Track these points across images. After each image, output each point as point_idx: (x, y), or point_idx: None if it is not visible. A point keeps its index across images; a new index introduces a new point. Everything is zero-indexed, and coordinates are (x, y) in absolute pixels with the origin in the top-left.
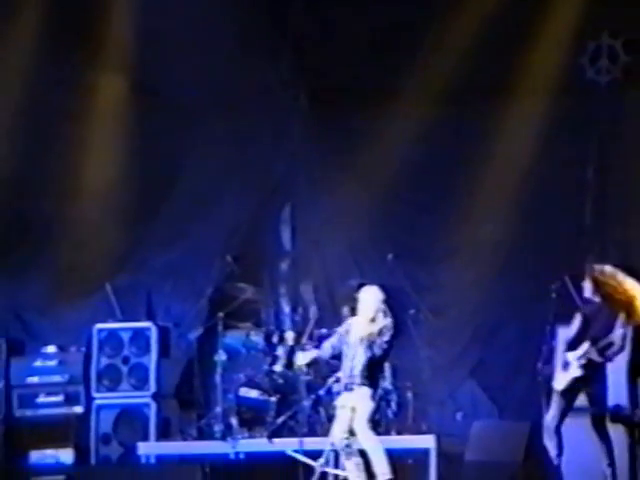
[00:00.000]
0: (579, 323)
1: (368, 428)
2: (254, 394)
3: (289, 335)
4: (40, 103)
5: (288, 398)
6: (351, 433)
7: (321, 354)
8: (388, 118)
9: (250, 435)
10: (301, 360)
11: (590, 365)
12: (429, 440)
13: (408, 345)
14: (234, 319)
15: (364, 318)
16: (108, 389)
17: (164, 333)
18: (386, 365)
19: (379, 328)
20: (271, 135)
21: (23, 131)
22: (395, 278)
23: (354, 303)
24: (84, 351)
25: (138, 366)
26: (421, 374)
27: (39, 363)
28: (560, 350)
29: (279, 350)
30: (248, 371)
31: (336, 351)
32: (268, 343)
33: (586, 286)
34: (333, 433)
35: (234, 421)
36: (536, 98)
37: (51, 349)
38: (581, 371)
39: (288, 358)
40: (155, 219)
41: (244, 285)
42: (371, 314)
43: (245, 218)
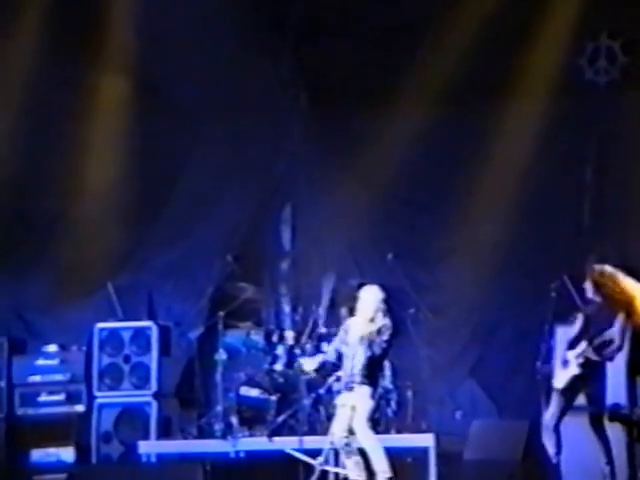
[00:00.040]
0: (581, 323)
1: (367, 427)
2: (254, 393)
3: (289, 334)
4: (42, 103)
5: (288, 397)
6: (351, 432)
7: (327, 358)
8: (388, 118)
9: (250, 434)
10: (308, 366)
11: (588, 364)
12: (428, 439)
13: (408, 344)
14: (234, 318)
15: (364, 317)
16: (109, 388)
17: (165, 332)
18: (386, 364)
19: (378, 327)
20: (271, 135)
21: (25, 131)
22: (395, 278)
23: (353, 303)
24: (85, 350)
25: (139, 365)
26: (421, 373)
27: (41, 362)
28: (561, 349)
29: (279, 349)
30: (248, 370)
31: (340, 353)
32: (268, 342)
33: (588, 287)
34: (333, 431)
35: (234, 420)
36: (535, 98)
37: (53, 348)
38: (579, 369)
39: (288, 358)
40: (156, 219)
41: (244, 285)
42: (371, 313)
43: (245, 218)
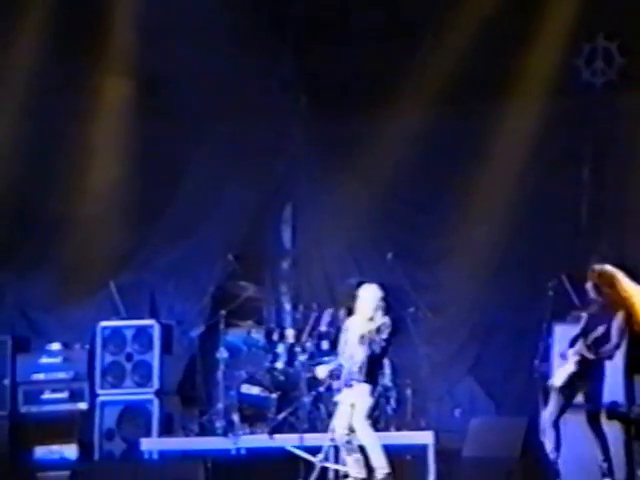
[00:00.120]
0: (584, 323)
1: (366, 424)
2: (255, 391)
3: (289, 333)
4: (45, 104)
5: (289, 395)
6: (351, 430)
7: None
8: (388, 118)
9: (251, 431)
10: (321, 373)
11: (584, 361)
12: (427, 436)
13: (407, 342)
14: (236, 317)
15: (363, 316)
16: (112, 386)
17: (167, 331)
18: (385, 362)
19: (378, 326)
20: (272, 135)
21: (28, 131)
22: (394, 277)
23: (353, 302)
24: (88, 348)
25: (141, 363)
26: (420, 371)
27: (44, 360)
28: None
29: (280, 347)
30: (249, 368)
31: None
32: (269, 341)
33: (589, 287)
34: (332, 429)
35: (235, 417)
36: (533, 99)
37: (56, 346)
38: (575, 367)
39: (289, 356)
40: (158, 219)
41: (245, 283)
42: (370, 312)
43: (246, 218)
